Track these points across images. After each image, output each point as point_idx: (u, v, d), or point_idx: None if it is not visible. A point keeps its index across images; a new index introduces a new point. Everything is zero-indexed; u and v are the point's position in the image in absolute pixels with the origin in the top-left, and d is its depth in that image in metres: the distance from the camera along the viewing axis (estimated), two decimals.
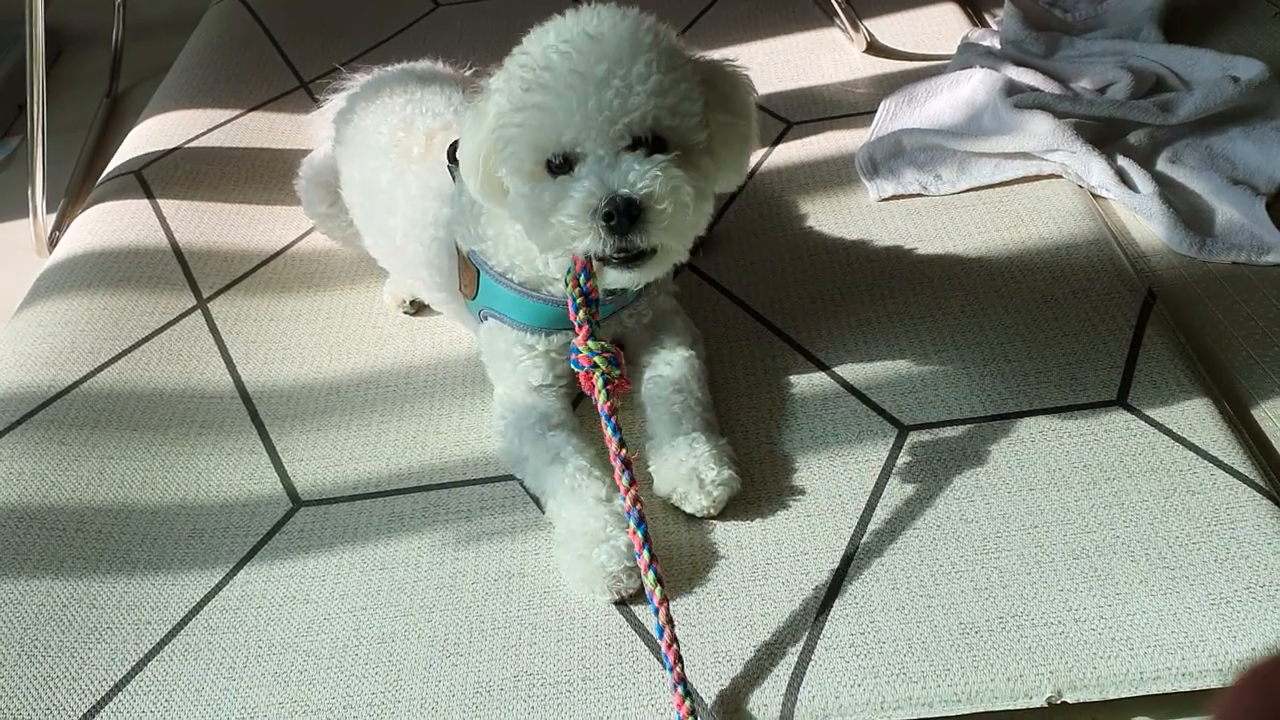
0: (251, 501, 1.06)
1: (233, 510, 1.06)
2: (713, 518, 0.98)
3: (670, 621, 0.83)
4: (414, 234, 1.12)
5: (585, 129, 0.86)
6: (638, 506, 0.87)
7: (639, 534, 0.86)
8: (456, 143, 1.06)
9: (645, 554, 0.85)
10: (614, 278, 0.92)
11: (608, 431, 0.89)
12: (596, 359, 0.90)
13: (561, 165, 0.89)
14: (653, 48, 0.88)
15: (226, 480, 1.09)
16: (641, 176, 0.85)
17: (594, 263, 0.91)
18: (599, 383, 0.90)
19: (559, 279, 0.99)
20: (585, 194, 0.86)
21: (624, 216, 0.85)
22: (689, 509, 0.97)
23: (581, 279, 0.92)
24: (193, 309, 1.30)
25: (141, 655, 0.93)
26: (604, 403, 0.90)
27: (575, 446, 0.99)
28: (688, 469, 0.97)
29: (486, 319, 1.07)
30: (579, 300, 0.92)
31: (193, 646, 0.94)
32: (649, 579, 0.84)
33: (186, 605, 0.97)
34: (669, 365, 1.07)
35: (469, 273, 1.06)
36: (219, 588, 0.98)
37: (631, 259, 0.89)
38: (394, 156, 1.14)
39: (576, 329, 0.92)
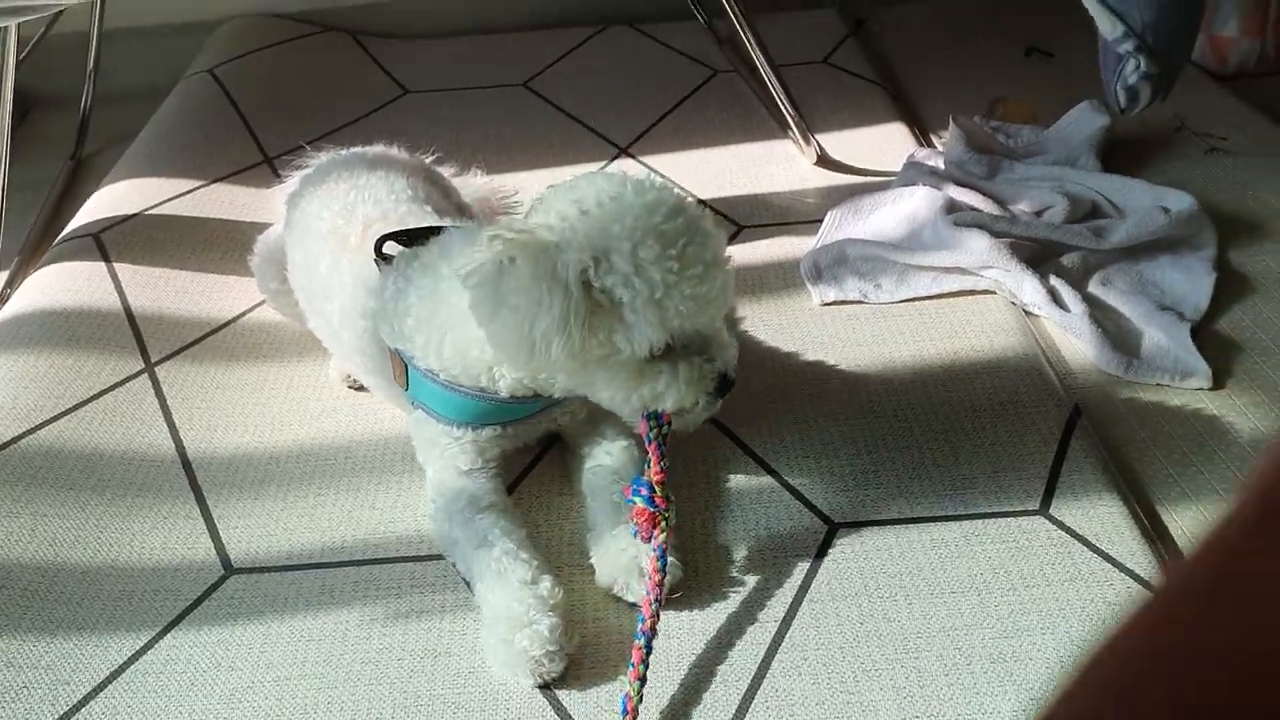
0: (183, 566, 1.06)
1: (163, 574, 1.05)
2: (709, 588, 0.99)
3: None
4: (347, 322, 1.13)
5: (717, 315, 0.96)
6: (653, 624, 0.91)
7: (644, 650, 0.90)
8: (386, 236, 1.09)
9: (639, 668, 0.89)
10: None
11: (656, 564, 0.94)
12: (669, 512, 0.96)
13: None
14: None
15: (160, 543, 1.09)
16: (734, 353, 0.98)
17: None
18: (660, 529, 0.95)
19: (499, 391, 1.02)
20: (701, 370, 0.95)
21: (725, 384, 0.97)
22: (631, 599, 0.98)
23: (661, 425, 0.97)
24: (140, 372, 1.31)
25: (57, 718, 0.92)
26: (659, 540, 0.95)
27: (502, 529, 1.00)
28: (629, 558, 0.99)
29: (415, 407, 1.09)
30: (665, 447, 0.97)
31: (111, 710, 0.93)
32: (634, 687, 0.89)
33: (109, 667, 0.96)
34: (609, 455, 1.08)
35: (399, 364, 1.07)
36: (143, 651, 0.98)
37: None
38: (332, 243, 1.15)
39: (659, 472, 0.96)
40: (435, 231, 1.09)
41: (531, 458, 1.16)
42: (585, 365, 0.94)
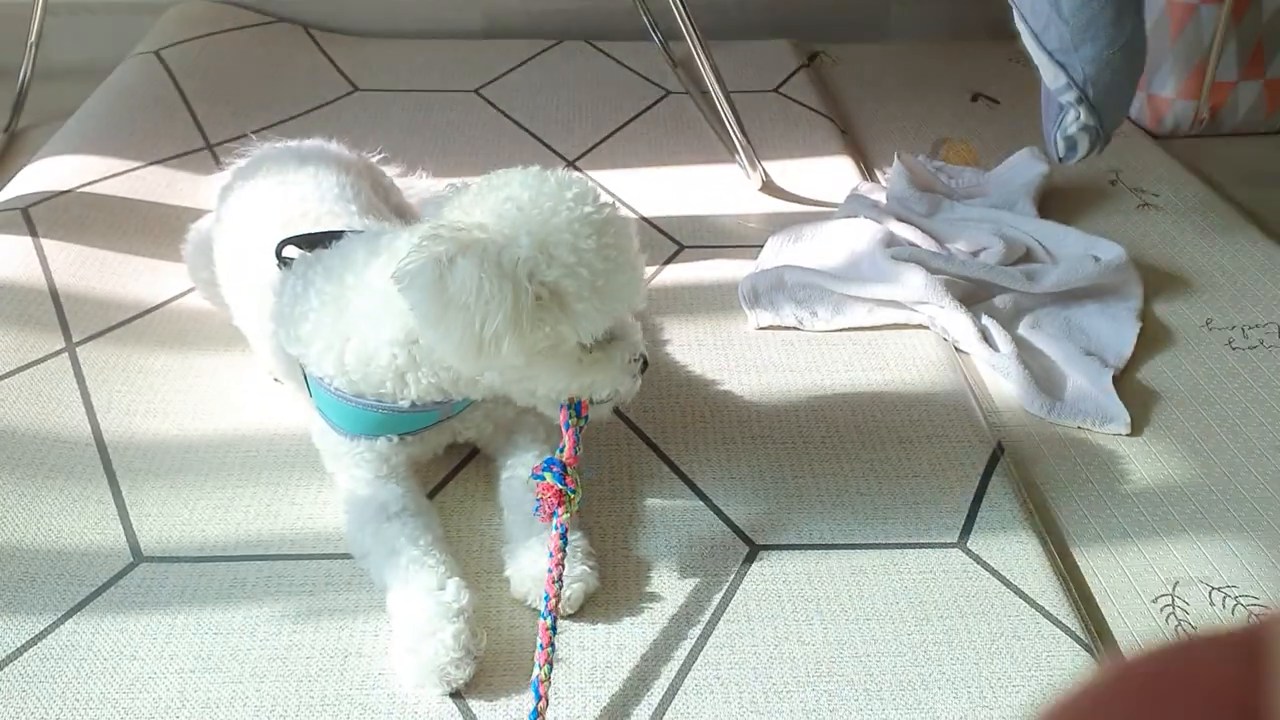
0: (90, 551, 1.04)
1: (69, 558, 1.02)
2: (569, 616, 0.98)
3: None
4: (261, 322, 1.12)
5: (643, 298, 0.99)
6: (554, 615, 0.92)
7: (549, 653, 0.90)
8: (286, 240, 1.07)
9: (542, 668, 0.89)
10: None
11: (558, 541, 0.95)
12: (576, 494, 0.97)
13: None
14: None
15: (68, 527, 1.06)
16: (641, 334, 1.02)
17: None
18: (566, 509, 0.96)
19: (404, 399, 1.01)
20: (629, 353, 0.99)
21: (644, 366, 1.01)
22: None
23: (577, 409, 0.99)
24: (60, 351, 1.28)
25: None
26: (560, 519, 0.96)
27: (409, 536, 0.99)
28: (540, 569, 0.98)
29: (318, 415, 1.07)
30: (581, 428, 1.00)
31: (4, 695, 0.90)
32: (544, 670, 0.89)
33: (4, 651, 0.93)
34: (525, 466, 1.08)
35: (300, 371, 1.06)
36: (42, 635, 0.95)
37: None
38: (252, 240, 1.13)
39: (573, 457, 0.98)
40: (338, 236, 1.08)
41: (457, 461, 1.16)
42: (530, 360, 0.93)
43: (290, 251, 1.07)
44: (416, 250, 0.90)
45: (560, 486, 0.96)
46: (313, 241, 1.07)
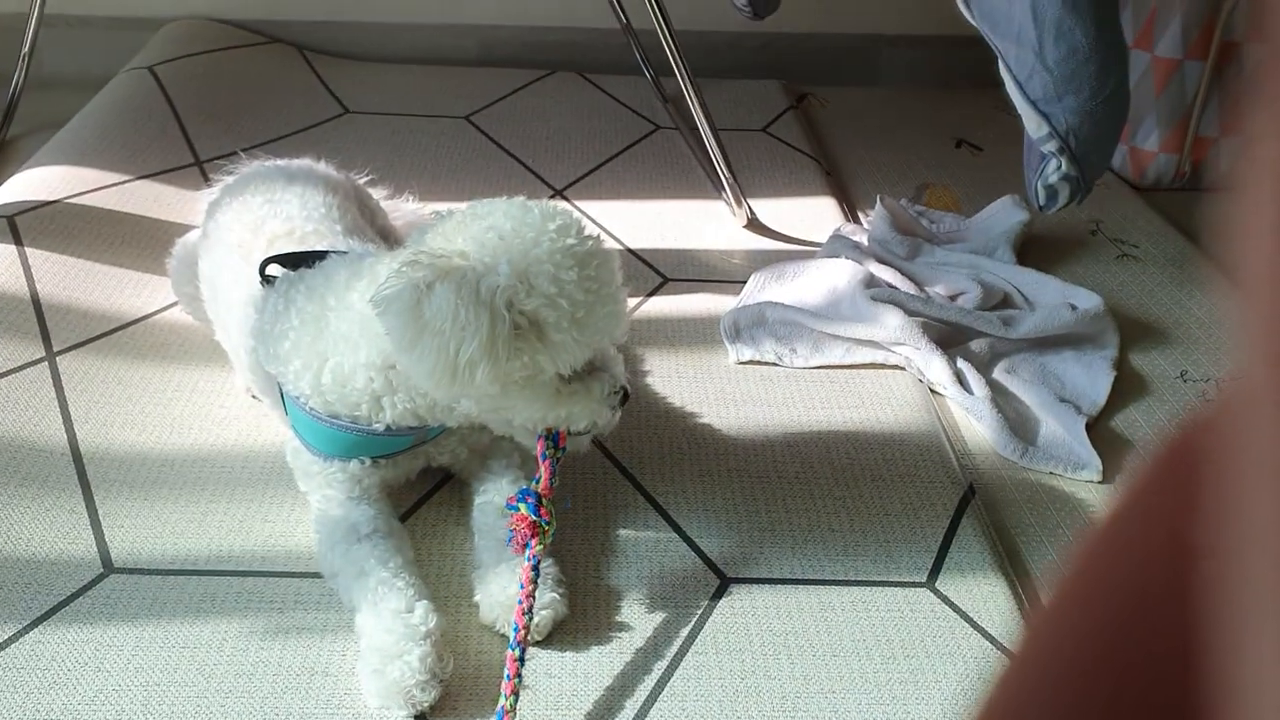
0: (61, 561, 1.03)
1: (38, 566, 1.02)
2: (537, 643, 0.98)
3: None
4: (241, 339, 1.12)
5: (623, 331, 1.00)
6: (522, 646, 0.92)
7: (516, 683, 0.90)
8: (270, 259, 1.08)
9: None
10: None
11: (530, 573, 0.95)
12: (550, 526, 0.97)
13: None
14: None
15: (39, 536, 1.06)
16: (623, 366, 1.02)
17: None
18: (539, 540, 0.96)
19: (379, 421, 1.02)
20: (609, 386, 0.98)
21: (625, 398, 1.01)
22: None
23: (554, 440, 1.00)
24: (40, 360, 1.28)
25: None
26: (534, 550, 0.96)
27: (379, 557, 0.99)
28: (510, 595, 0.98)
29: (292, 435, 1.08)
30: (558, 459, 1.00)
31: None
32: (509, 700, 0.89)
33: None
34: (499, 492, 1.08)
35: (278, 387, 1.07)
36: (6, 644, 0.94)
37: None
38: (237, 257, 1.14)
39: (548, 488, 0.98)
40: (321, 256, 1.09)
41: (430, 485, 1.16)
42: (505, 389, 0.94)
43: (274, 270, 1.08)
44: (395, 275, 0.91)
45: (535, 518, 0.97)
46: (296, 260, 1.08)
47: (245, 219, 1.17)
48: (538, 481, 0.99)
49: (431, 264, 0.91)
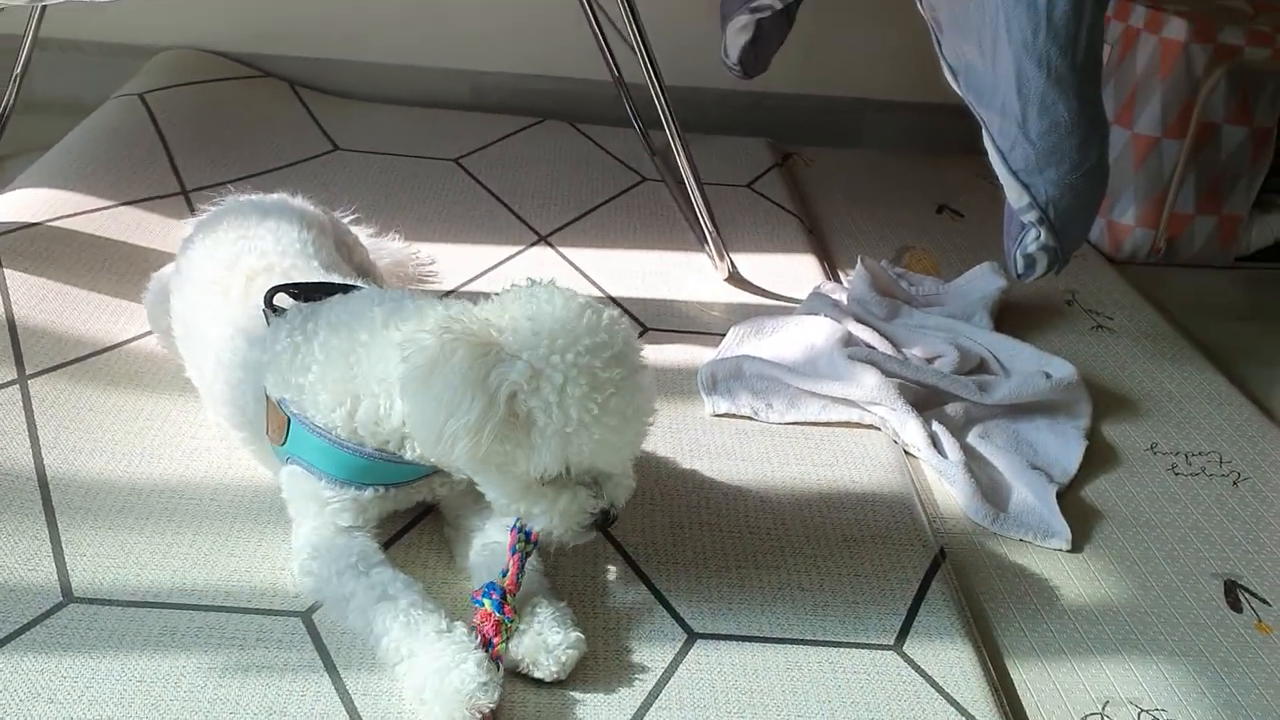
0: (19, 588, 1.02)
1: None
2: (560, 683, 0.98)
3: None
4: (221, 373, 1.13)
5: (629, 456, 1.00)
6: None
7: None
8: (276, 289, 1.09)
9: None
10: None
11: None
12: (514, 624, 0.98)
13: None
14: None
15: None
16: (628, 493, 1.00)
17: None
18: (501, 638, 0.97)
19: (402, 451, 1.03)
20: (587, 504, 0.98)
21: (605, 520, 1.00)
22: (539, 675, 0.98)
23: (527, 535, 1.00)
24: (11, 383, 1.27)
25: None
26: (495, 649, 0.96)
27: (404, 582, 1.00)
28: (532, 635, 0.98)
29: (290, 463, 1.07)
30: (528, 555, 1.01)
31: None
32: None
33: None
34: (499, 530, 1.08)
35: (278, 419, 1.06)
36: None
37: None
38: (213, 295, 1.15)
39: (514, 584, 0.99)
40: (330, 288, 1.09)
41: (400, 526, 1.15)
42: (482, 465, 0.96)
43: (281, 299, 1.08)
44: (430, 329, 0.95)
45: (499, 616, 0.97)
46: (305, 292, 1.09)
47: (219, 255, 1.18)
48: (504, 575, 1.00)
49: (465, 331, 0.93)
